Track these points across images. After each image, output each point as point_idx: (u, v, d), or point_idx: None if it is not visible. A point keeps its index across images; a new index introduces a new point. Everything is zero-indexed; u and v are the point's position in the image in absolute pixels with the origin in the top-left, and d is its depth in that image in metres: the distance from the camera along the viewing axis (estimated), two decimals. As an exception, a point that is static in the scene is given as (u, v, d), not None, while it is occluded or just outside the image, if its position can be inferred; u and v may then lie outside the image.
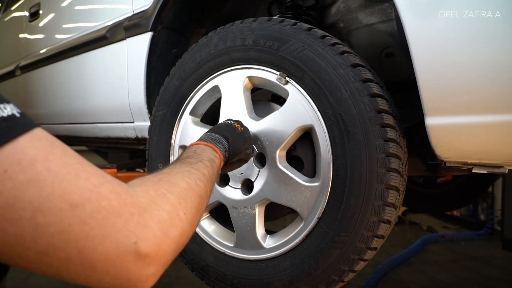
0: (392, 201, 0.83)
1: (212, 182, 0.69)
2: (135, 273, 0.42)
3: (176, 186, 0.54)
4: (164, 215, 0.47)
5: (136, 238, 0.41)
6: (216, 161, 0.75)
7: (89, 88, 1.73)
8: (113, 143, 1.84)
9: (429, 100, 0.76)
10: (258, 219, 0.98)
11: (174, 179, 0.56)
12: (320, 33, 0.90)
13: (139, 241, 0.41)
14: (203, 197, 0.60)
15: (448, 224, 4.75)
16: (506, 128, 0.69)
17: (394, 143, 0.82)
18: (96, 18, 1.68)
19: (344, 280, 0.88)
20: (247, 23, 1.00)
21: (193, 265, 1.11)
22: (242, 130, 0.89)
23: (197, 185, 0.59)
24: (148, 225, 0.43)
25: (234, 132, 0.87)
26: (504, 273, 3.21)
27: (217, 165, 0.75)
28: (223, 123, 0.90)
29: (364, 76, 0.84)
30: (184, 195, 0.53)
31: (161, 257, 0.44)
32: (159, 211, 0.46)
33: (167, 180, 0.55)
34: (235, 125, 0.89)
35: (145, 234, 0.42)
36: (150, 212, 0.45)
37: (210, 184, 0.66)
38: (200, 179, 0.62)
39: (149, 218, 0.44)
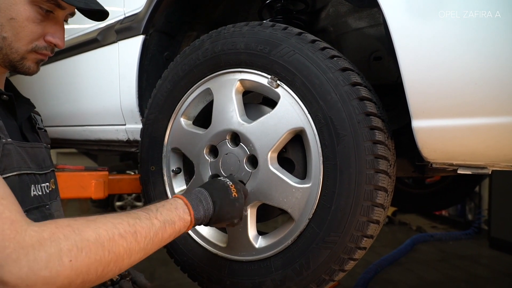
0: (381, 201, 0.85)
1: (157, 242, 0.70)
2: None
3: (80, 234, 0.58)
4: (42, 256, 0.53)
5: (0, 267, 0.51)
6: (179, 223, 0.75)
7: (80, 90, 1.72)
8: (104, 146, 1.83)
9: (415, 103, 0.78)
10: (250, 220, 0.99)
11: (85, 227, 0.59)
12: (310, 38, 0.92)
13: (1, 270, 0.51)
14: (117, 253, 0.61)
15: (436, 224, 4.82)
16: (489, 130, 0.72)
17: (382, 145, 0.85)
18: (87, 20, 1.67)
19: (334, 279, 0.90)
20: (238, 27, 1.02)
21: (185, 267, 1.12)
22: (235, 197, 0.86)
23: (111, 240, 0.61)
24: (17, 260, 0.52)
25: (226, 198, 0.85)
26: (491, 271, 3.27)
27: (180, 226, 0.76)
28: (221, 183, 0.88)
29: (353, 79, 0.86)
30: (81, 245, 0.57)
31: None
32: (39, 252, 0.53)
33: (77, 227, 0.59)
34: (231, 189, 0.87)
35: (9, 267, 0.51)
36: (27, 251, 0.53)
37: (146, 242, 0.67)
38: (124, 236, 0.63)
39: (22, 255, 0.52)
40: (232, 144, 1.01)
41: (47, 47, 0.86)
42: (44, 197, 0.86)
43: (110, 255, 0.60)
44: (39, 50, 0.85)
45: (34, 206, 0.81)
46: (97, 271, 0.59)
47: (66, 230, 0.57)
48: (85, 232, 0.59)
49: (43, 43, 0.85)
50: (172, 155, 1.15)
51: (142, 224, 0.67)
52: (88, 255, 0.57)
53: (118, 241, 0.62)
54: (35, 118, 1.00)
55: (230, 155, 1.01)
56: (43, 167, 0.89)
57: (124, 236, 0.63)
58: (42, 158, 0.90)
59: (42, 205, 0.84)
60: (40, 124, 1.01)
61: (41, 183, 0.85)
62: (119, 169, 3.54)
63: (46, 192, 0.87)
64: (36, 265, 0.52)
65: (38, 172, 0.85)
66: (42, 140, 0.96)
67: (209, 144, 1.05)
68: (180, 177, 1.17)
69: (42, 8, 0.82)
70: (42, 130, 1.00)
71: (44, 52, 0.86)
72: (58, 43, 0.87)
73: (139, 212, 0.70)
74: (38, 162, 0.87)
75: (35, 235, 0.54)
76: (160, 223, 0.71)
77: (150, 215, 0.71)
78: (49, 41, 0.85)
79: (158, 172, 1.17)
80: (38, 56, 0.86)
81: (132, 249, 0.64)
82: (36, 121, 0.99)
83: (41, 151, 0.91)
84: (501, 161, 0.76)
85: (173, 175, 1.16)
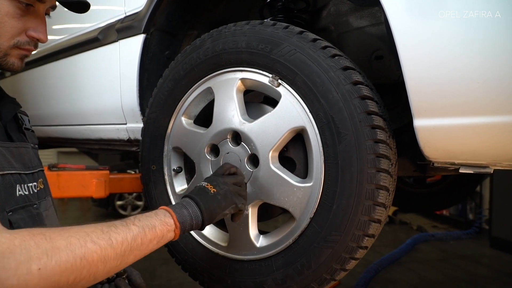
0: (382, 200, 0.85)
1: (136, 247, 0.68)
2: None
3: (51, 242, 0.57)
4: (11, 264, 0.53)
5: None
6: (161, 227, 0.74)
7: (81, 90, 1.72)
8: (105, 145, 1.83)
9: (417, 102, 0.78)
10: (251, 220, 0.99)
11: (57, 236, 0.59)
12: (312, 36, 0.92)
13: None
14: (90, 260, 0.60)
15: (437, 223, 4.82)
16: (491, 129, 0.72)
17: (384, 144, 0.84)
18: (88, 19, 1.67)
19: (336, 278, 0.90)
20: (239, 26, 1.01)
21: (186, 266, 1.12)
22: (214, 192, 0.87)
23: (82, 247, 0.60)
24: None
25: (206, 195, 0.86)
26: (492, 271, 3.27)
27: (162, 230, 0.74)
28: (197, 188, 0.89)
29: (355, 78, 0.86)
30: (51, 253, 0.56)
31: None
32: (8, 260, 0.53)
33: (49, 235, 0.58)
34: (208, 187, 0.88)
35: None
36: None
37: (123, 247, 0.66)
38: (96, 242, 0.62)
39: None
40: (233, 143, 1.01)
41: (29, 42, 0.84)
42: (32, 197, 0.85)
43: (83, 262, 0.59)
44: (22, 46, 0.83)
45: (20, 205, 0.80)
46: (68, 279, 0.58)
47: (38, 238, 0.57)
48: (56, 240, 0.58)
49: (25, 38, 0.83)
50: (173, 154, 1.15)
51: (118, 230, 0.66)
52: (58, 263, 0.57)
53: (90, 247, 0.61)
54: (22, 118, 0.98)
55: (231, 154, 1.01)
56: (30, 167, 0.88)
57: (97, 243, 0.62)
58: (28, 158, 0.89)
59: (29, 205, 0.83)
60: (27, 125, 1.00)
61: (27, 182, 0.84)
62: (120, 168, 3.54)
63: (34, 191, 0.86)
64: (5, 273, 0.52)
65: (24, 172, 0.84)
66: (29, 140, 0.95)
67: (210, 143, 1.04)
68: (181, 176, 1.17)
69: (22, 2, 0.79)
70: (29, 130, 0.99)
71: (27, 47, 0.84)
72: (40, 37, 0.85)
73: (115, 221, 0.69)
74: (24, 162, 0.86)
75: (6, 242, 0.54)
76: (139, 228, 0.70)
77: (127, 222, 0.70)
78: (31, 36, 0.83)
79: (159, 171, 1.17)
80: (21, 51, 0.84)
81: (107, 256, 0.63)
82: (23, 121, 0.97)
83: (27, 151, 0.89)
84: (503, 160, 0.76)
85: (174, 174, 1.16)
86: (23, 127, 0.95)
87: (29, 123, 1.02)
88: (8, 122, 0.87)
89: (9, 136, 0.86)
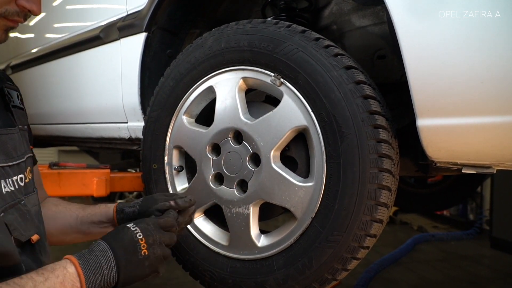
0: (385, 200, 0.84)
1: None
2: None
3: None
4: None
5: None
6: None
7: (82, 88, 1.72)
8: (106, 144, 1.83)
9: (420, 102, 0.77)
10: (253, 219, 0.99)
11: None
12: (314, 35, 0.92)
13: None
14: None
15: (438, 223, 4.81)
16: (494, 129, 0.71)
17: (386, 144, 0.84)
18: (89, 18, 1.67)
19: (337, 278, 0.90)
20: (241, 25, 1.01)
21: (187, 265, 1.11)
22: (144, 255, 0.71)
23: None
24: None
25: (133, 258, 0.70)
26: (492, 271, 3.26)
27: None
28: (129, 236, 0.72)
29: (357, 78, 0.85)
30: None
31: None
32: None
33: None
34: (141, 245, 0.71)
35: None
36: None
37: None
38: None
39: None
40: (234, 142, 1.01)
41: (19, 12, 0.74)
42: (18, 192, 0.76)
43: None
44: (10, 16, 0.73)
45: (9, 204, 0.72)
46: None
47: None
48: None
49: (15, 8, 0.73)
50: (174, 153, 1.15)
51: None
52: None
53: None
54: (9, 94, 0.84)
55: (232, 153, 1.00)
56: (14, 157, 0.77)
57: None
58: (12, 146, 0.78)
59: (16, 202, 0.75)
60: (16, 101, 0.86)
61: (12, 176, 0.75)
62: (121, 167, 3.54)
63: (20, 185, 0.77)
64: None
65: (7, 163, 0.75)
66: (17, 121, 0.83)
67: (212, 142, 1.04)
68: (182, 175, 1.16)
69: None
70: (17, 108, 0.85)
71: (15, 18, 0.74)
72: (33, 8, 0.75)
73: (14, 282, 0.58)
74: (7, 151, 0.76)
75: None
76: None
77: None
78: (22, 6, 0.73)
79: (160, 170, 1.16)
80: (8, 23, 0.75)
81: None
82: (10, 97, 0.84)
83: (11, 138, 0.78)
84: (507, 160, 0.76)
85: (175, 173, 1.15)
86: (11, 105, 0.84)
87: (19, 98, 0.89)
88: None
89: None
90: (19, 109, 0.88)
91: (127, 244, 0.71)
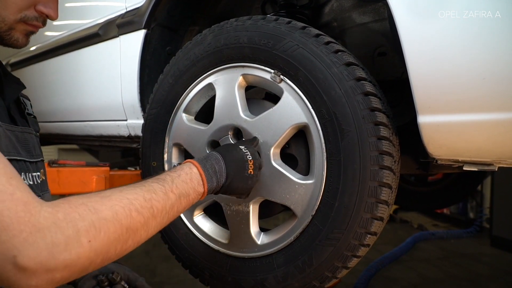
0: (385, 198, 0.84)
1: (172, 215, 0.69)
2: (14, 281, 0.48)
3: (96, 213, 0.55)
4: (60, 238, 0.50)
5: (18, 252, 0.47)
6: (193, 195, 0.74)
7: (81, 86, 1.71)
8: (105, 141, 1.82)
9: (421, 99, 0.77)
10: (252, 217, 0.98)
11: (100, 205, 0.56)
12: (315, 32, 0.91)
13: (19, 255, 0.47)
14: (134, 229, 0.60)
15: (438, 222, 4.81)
16: (496, 126, 0.71)
17: (387, 141, 0.83)
18: (88, 15, 1.66)
19: (337, 276, 0.89)
20: (241, 21, 1.00)
21: (186, 263, 1.11)
22: (250, 174, 0.84)
23: (128, 217, 0.59)
24: (35, 244, 0.48)
25: (241, 173, 0.83)
26: (492, 270, 3.27)
27: (193, 198, 0.75)
28: (241, 155, 0.85)
29: (358, 74, 0.85)
30: (98, 224, 0.54)
31: (42, 273, 0.49)
32: (56, 234, 0.50)
33: (92, 205, 0.55)
34: (249, 165, 0.85)
35: (27, 251, 0.48)
36: (43, 233, 0.49)
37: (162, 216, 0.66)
38: (139, 211, 0.61)
39: (39, 239, 0.49)
40: (234, 140, 1.00)
41: (38, 17, 0.78)
42: (36, 188, 0.80)
43: (128, 232, 0.58)
44: (29, 21, 0.77)
45: None
46: (116, 249, 0.58)
47: (81, 209, 0.54)
48: (101, 211, 0.56)
49: (33, 13, 0.77)
50: (173, 151, 1.14)
51: (158, 198, 0.66)
52: (107, 235, 0.55)
53: (135, 217, 0.60)
54: (24, 102, 0.91)
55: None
56: (34, 155, 0.82)
57: (141, 212, 0.61)
58: (32, 145, 0.83)
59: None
60: (30, 110, 0.93)
61: (32, 172, 0.80)
62: (120, 165, 3.54)
63: (38, 182, 0.82)
64: (55, 248, 0.50)
65: (29, 159, 0.79)
66: (31, 126, 0.88)
67: (211, 139, 1.03)
68: (182, 173, 1.16)
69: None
70: (31, 116, 0.92)
71: (34, 23, 0.78)
72: (50, 13, 0.79)
73: (154, 184, 0.68)
74: (29, 149, 0.81)
75: (49, 216, 0.51)
76: (176, 196, 0.69)
77: (165, 187, 0.69)
78: (40, 11, 0.77)
79: (159, 168, 1.16)
80: (28, 27, 0.78)
81: (149, 224, 0.63)
82: (25, 105, 0.90)
83: (31, 137, 0.84)
84: (508, 157, 0.75)
85: (174, 170, 1.15)
86: (26, 112, 0.89)
87: (31, 108, 0.96)
88: (11, 103, 0.81)
89: (13, 119, 0.81)
90: (32, 117, 0.94)
91: (239, 161, 0.84)
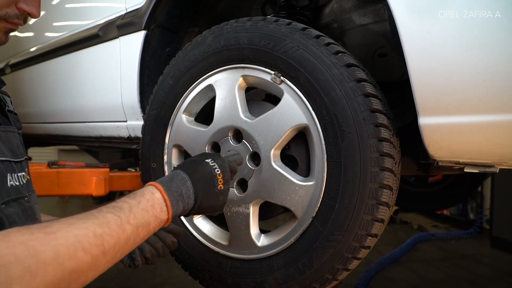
0: (386, 200, 0.84)
1: (128, 248, 0.62)
2: None
3: (35, 255, 0.48)
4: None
5: None
6: (154, 224, 0.67)
7: (81, 87, 1.71)
8: (105, 142, 1.82)
9: (422, 100, 0.77)
10: (252, 218, 0.98)
11: (42, 246, 0.49)
12: (315, 33, 0.91)
13: None
14: (79, 270, 0.53)
15: (438, 223, 4.80)
16: (497, 128, 0.70)
17: (387, 143, 0.83)
18: (88, 16, 1.66)
19: (338, 278, 0.89)
20: (241, 23, 1.00)
21: (186, 265, 1.11)
22: (220, 189, 0.78)
23: (72, 257, 0.51)
24: None
25: (211, 191, 0.77)
26: (492, 270, 3.26)
27: (154, 227, 0.68)
28: (208, 170, 0.78)
29: (358, 76, 0.85)
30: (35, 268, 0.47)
31: None
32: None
33: (32, 245, 0.48)
34: (219, 180, 0.78)
35: None
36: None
37: (115, 252, 0.59)
38: (87, 249, 0.53)
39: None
40: (234, 141, 1.00)
41: (19, 15, 0.76)
42: (22, 188, 0.78)
43: (72, 275, 0.52)
44: (10, 19, 0.75)
45: (12, 197, 0.73)
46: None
47: (19, 250, 0.47)
48: (42, 253, 0.49)
49: (14, 11, 0.75)
50: (173, 152, 1.14)
51: (111, 232, 0.58)
52: (44, 280, 0.48)
53: (81, 258, 0.53)
54: (4, 99, 0.87)
55: (232, 152, 0.99)
56: (18, 155, 0.80)
57: (89, 251, 0.54)
58: (16, 144, 0.81)
59: (20, 197, 0.76)
60: (10, 106, 0.89)
61: (17, 172, 0.77)
62: (120, 166, 3.53)
63: (23, 182, 0.79)
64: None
65: (14, 159, 0.76)
66: (13, 124, 0.85)
67: (211, 141, 1.03)
68: (182, 174, 1.15)
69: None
70: (12, 113, 0.88)
71: (15, 21, 0.76)
72: (32, 11, 0.76)
73: (108, 215, 0.60)
74: (12, 148, 0.78)
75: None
76: (133, 227, 0.62)
77: (121, 219, 0.61)
78: (22, 9, 0.75)
79: (159, 169, 1.16)
80: (8, 25, 0.76)
81: (98, 262, 0.56)
82: (5, 102, 0.87)
83: (14, 136, 0.81)
84: (509, 159, 0.75)
85: (174, 172, 1.15)
86: (6, 109, 0.86)
87: (12, 104, 0.92)
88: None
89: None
90: (13, 114, 0.90)
91: (207, 177, 0.77)
